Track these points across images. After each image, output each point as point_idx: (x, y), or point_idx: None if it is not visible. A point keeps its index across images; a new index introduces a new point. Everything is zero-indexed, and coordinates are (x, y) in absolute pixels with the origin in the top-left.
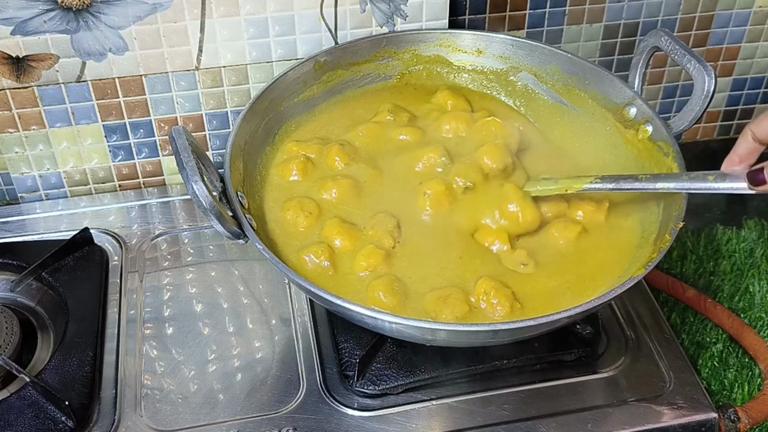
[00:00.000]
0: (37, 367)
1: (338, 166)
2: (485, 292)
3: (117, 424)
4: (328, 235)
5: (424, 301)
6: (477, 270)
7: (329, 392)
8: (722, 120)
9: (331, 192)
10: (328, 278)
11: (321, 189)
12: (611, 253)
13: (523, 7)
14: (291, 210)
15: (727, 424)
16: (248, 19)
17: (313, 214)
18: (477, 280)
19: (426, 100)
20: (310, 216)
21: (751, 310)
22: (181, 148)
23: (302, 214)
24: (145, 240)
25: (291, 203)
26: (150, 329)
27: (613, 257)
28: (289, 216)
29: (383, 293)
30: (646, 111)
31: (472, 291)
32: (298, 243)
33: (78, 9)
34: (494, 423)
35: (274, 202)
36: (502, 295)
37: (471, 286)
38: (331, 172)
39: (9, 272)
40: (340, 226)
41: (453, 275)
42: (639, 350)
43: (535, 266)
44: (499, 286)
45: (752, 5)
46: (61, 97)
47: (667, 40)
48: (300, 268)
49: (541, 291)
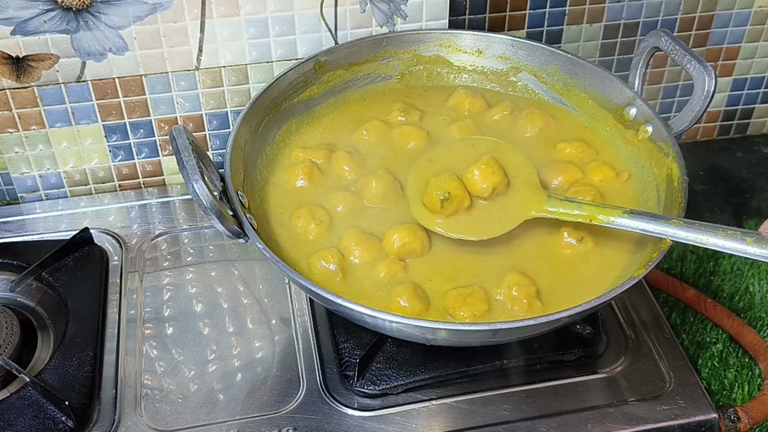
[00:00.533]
0: (37, 367)
1: (347, 175)
2: (509, 286)
3: (117, 424)
4: (346, 246)
5: (445, 300)
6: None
7: (329, 392)
8: (722, 120)
9: (339, 204)
10: (338, 284)
11: (331, 199)
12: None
13: (523, 7)
14: (301, 218)
15: (727, 424)
16: (248, 19)
17: (324, 223)
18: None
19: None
20: (321, 224)
21: (751, 310)
22: (181, 148)
23: (313, 222)
24: (145, 240)
25: (301, 211)
26: (150, 329)
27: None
28: (300, 224)
29: (406, 298)
30: (646, 111)
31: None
32: (308, 249)
33: (78, 9)
34: (494, 423)
35: (281, 207)
36: (525, 291)
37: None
38: (341, 182)
39: (9, 272)
40: (358, 237)
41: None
42: (639, 350)
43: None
44: (525, 282)
45: (752, 5)
46: (61, 97)
47: (667, 40)
48: (310, 273)
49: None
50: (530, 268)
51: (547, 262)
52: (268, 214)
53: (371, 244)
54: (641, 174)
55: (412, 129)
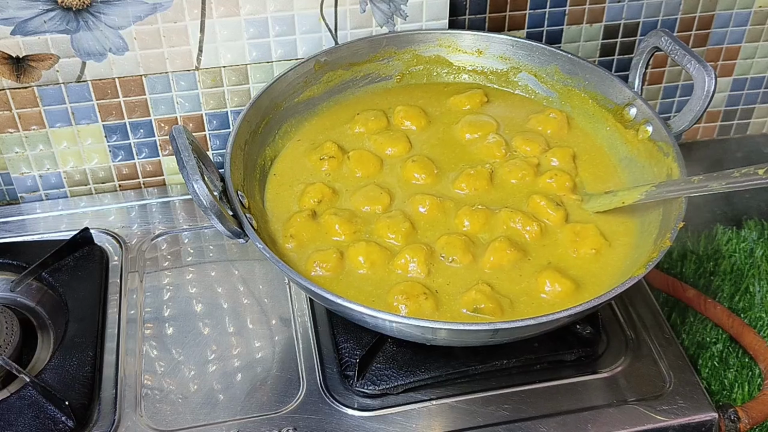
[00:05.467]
0: (37, 367)
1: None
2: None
3: (117, 424)
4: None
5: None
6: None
7: (329, 392)
8: (722, 120)
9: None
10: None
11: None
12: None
13: (523, 7)
14: (301, 218)
15: (727, 424)
16: (248, 19)
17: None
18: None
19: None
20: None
21: (751, 310)
22: (181, 147)
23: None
24: (145, 240)
25: (301, 211)
26: (150, 329)
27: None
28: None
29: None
30: (646, 111)
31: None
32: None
33: (78, 9)
34: (494, 423)
35: (281, 207)
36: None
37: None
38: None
39: (9, 272)
40: (378, 252)
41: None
42: (639, 350)
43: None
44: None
45: (752, 5)
46: (61, 97)
47: (667, 40)
48: (309, 273)
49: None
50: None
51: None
52: (268, 214)
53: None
54: (641, 174)
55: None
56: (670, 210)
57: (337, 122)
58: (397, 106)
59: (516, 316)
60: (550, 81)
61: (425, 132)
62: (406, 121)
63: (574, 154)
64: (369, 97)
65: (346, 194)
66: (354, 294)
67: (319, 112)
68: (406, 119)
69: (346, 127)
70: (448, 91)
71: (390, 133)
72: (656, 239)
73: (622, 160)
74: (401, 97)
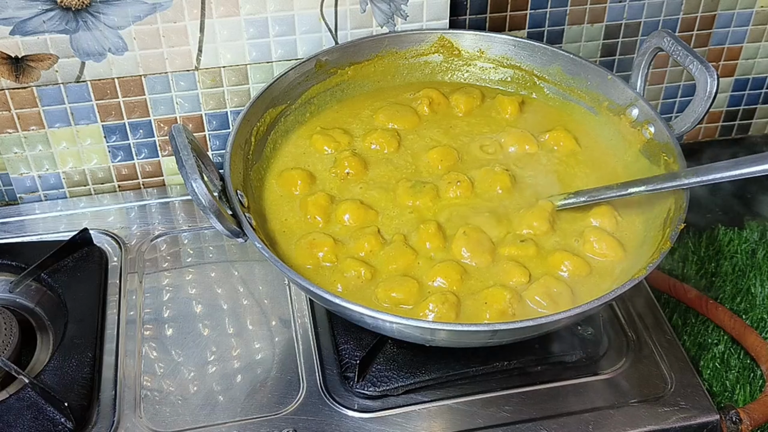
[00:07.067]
0: (36, 369)
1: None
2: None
3: (116, 426)
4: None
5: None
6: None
7: (329, 394)
8: (724, 120)
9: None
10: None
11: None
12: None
13: (524, 7)
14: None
15: (729, 426)
16: (248, 19)
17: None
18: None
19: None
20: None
21: (753, 311)
22: (180, 147)
23: (313, 221)
24: (144, 241)
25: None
26: (149, 330)
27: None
28: (300, 223)
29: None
30: (648, 112)
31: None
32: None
33: (77, 9)
34: (495, 425)
35: (280, 207)
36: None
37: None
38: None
39: (8, 273)
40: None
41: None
42: (640, 351)
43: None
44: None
45: (754, 5)
46: (61, 98)
47: (669, 40)
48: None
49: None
50: None
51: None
52: (267, 214)
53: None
54: (642, 175)
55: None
56: (672, 210)
57: (337, 122)
58: (396, 106)
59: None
60: (551, 81)
61: (425, 131)
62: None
63: (574, 154)
64: (369, 97)
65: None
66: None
67: (319, 112)
68: (406, 120)
69: (346, 126)
70: (447, 91)
71: (386, 132)
72: (657, 240)
73: (623, 161)
74: (401, 97)
